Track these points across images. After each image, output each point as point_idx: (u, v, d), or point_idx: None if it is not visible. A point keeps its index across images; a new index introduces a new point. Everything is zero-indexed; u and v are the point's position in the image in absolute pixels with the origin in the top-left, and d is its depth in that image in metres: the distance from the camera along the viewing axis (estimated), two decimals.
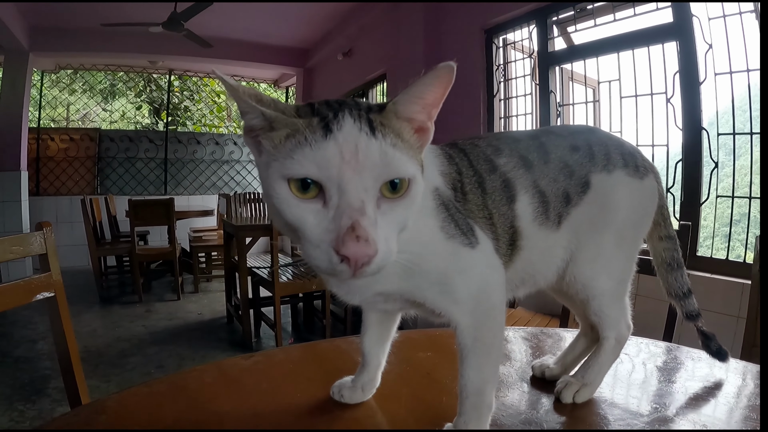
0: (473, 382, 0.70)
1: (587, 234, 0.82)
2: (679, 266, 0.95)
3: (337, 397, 0.83)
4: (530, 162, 0.80)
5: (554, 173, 0.80)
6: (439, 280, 0.68)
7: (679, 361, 1.08)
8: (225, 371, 0.96)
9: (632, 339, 1.17)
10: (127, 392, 0.89)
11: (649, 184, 0.87)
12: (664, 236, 0.94)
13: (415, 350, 1.09)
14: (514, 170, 0.78)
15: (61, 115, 8.63)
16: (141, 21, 5.35)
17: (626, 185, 0.83)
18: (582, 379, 0.86)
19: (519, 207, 0.77)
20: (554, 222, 0.80)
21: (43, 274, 1.19)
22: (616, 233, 0.83)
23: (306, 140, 0.53)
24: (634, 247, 0.88)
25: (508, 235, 0.76)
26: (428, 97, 0.60)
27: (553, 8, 3.38)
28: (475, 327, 0.70)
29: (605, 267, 0.84)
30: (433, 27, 4.38)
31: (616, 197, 0.83)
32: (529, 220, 0.77)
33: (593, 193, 0.82)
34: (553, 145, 0.83)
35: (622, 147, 0.87)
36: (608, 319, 0.86)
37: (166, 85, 8.59)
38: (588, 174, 0.82)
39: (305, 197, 0.53)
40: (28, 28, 6.05)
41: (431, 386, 0.92)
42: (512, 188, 0.77)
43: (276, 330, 3.52)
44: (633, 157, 0.86)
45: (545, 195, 0.79)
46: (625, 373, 1.01)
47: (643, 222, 0.89)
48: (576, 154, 0.83)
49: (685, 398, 0.89)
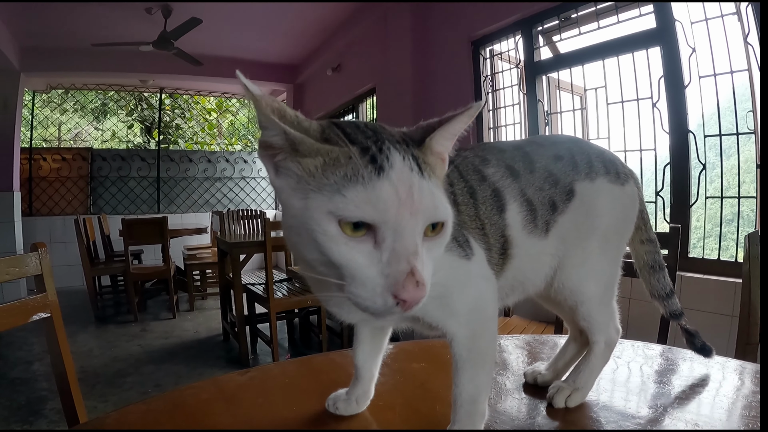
0: (468, 391, 0.71)
1: (573, 240, 0.84)
2: (660, 268, 0.98)
3: (332, 409, 0.84)
4: (517, 171, 0.81)
5: (540, 182, 0.82)
6: (440, 293, 0.65)
7: (672, 362, 1.10)
8: (221, 387, 0.97)
9: (625, 342, 1.19)
10: (125, 410, 0.89)
11: (630, 190, 0.89)
12: (646, 239, 0.97)
13: (409, 361, 1.10)
14: (502, 180, 0.79)
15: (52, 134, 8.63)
16: (131, 40, 5.39)
17: (609, 192, 0.86)
18: (573, 384, 0.87)
19: (509, 216, 0.78)
20: (542, 230, 0.81)
21: (39, 295, 1.19)
22: (601, 238, 0.85)
23: (357, 177, 0.51)
24: (619, 252, 0.90)
25: (500, 244, 0.77)
26: (459, 132, 0.62)
27: (539, 18, 3.42)
28: (470, 338, 0.71)
29: (592, 272, 0.85)
30: (421, 40, 4.43)
31: (600, 204, 0.85)
32: (519, 228, 0.79)
33: (578, 200, 0.84)
34: (538, 155, 0.85)
35: (602, 155, 0.89)
36: (597, 323, 0.87)
37: (157, 103, 8.61)
38: (572, 182, 0.84)
39: (355, 236, 0.51)
40: (20, 48, 6.07)
41: (425, 396, 0.92)
42: (502, 198, 0.78)
43: (272, 346, 3.51)
44: (614, 165, 0.89)
45: (532, 203, 0.80)
46: (616, 375, 1.02)
47: (625, 227, 0.91)
48: (560, 163, 0.85)
49: (679, 399, 0.90)
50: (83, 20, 5.48)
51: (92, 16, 5.38)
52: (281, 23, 5.84)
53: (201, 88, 8.36)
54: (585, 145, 0.90)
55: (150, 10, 5.16)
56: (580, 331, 0.94)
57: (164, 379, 3.48)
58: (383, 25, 4.89)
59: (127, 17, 5.39)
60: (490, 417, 0.76)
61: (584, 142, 0.93)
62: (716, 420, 0.82)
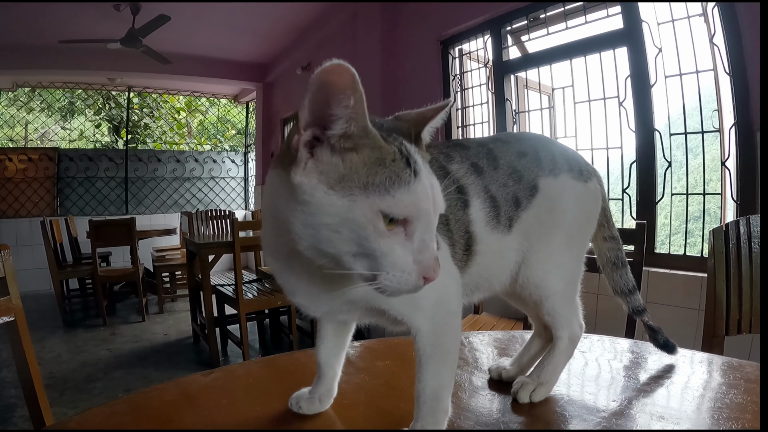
0: (431, 387, 0.70)
1: (537, 236, 0.84)
2: (623, 265, 0.99)
3: (295, 408, 0.83)
4: (481, 168, 0.82)
5: (503, 179, 0.83)
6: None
7: (639, 356, 1.11)
8: (185, 389, 0.95)
9: (591, 336, 1.20)
10: (88, 413, 0.87)
11: (593, 187, 0.90)
12: (608, 237, 0.98)
13: (373, 359, 1.09)
14: (466, 176, 0.80)
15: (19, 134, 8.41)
16: (99, 37, 5.29)
17: (572, 188, 0.87)
18: (538, 379, 0.87)
19: (473, 212, 0.78)
20: (505, 226, 0.82)
21: (2, 298, 1.16)
22: (565, 234, 0.86)
23: (401, 179, 0.56)
24: (582, 248, 0.91)
25: (464, 240, 0.78)
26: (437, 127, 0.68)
27: (507, 18, 3.46)
28: (435, 333, 0.71)
29: (556, 267, 0.86)
30: (390, 39, 4.45)
31: (563, 200, 0.86)
32: (482, 224, 0.79)
33: (541, 196, 0.84)
34: (501, 152, 0.85)
35: (566, 153, 0.90)
36: (561, 318, 0.88)
37: (125, 102, 8.46)
38: (536, 178, 0.85)
39: (391, 228, 0.56)
40: None
41: (389, 394, 0.92)
42: (466, 194, 0.78)
43: (243, 348, 3.48)
44: (577, 162, 0.90)
45: (496, 200, 0.81)
46: (584, 370, 1.03)
47: (589, 223, 0.92)
48: (524, 160, 0.85)
49: (646, 392, 0.91)
50: (50, 17, 5.38)
51: (60, 13, 5.28)
52: (250, 21, 5.80)
53: (170, 86, 8.27)
54: (549, 143, 0.92)
55: (118, 6, 5.08)
56: (545, 326, 0.95)
57: (134, 383, 3.42)
58: (353, 24, 4.90)
59: (95, 14, 5.30)
60: (454, 413, 0.76)
61: (548, 139, 0.95)
62: (684, 413, 0.83)
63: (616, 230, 0.99)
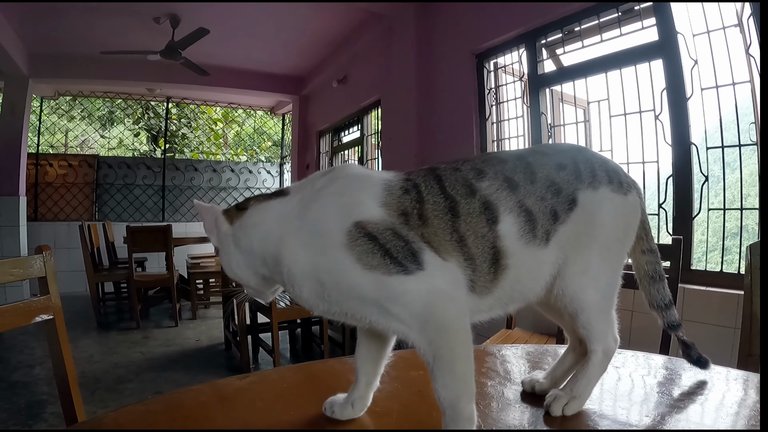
0: (444, 397, 0.73)
1: (574, 249, 0.84)
2: (660, 278, 0.98)
3: (328, 413, 0.85)
4: (516, 183, 0.82)
5: (541, 192, 0.83)
6: (374, 303, 0.74)
7: (672, 372, 1.09)
8: (220, 390, 0.97)
9: (626, 352, 1.19)
10: (124, 410, 0.90)
11: (632, 200, 0.90)
12: (647, 249, 0.97)
13: (407, 369, 1.10)
14: (498, 192, 0.81)
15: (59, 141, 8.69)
16: (139, 49, 5.44)
17: (611, 201, 0.86)
18: (571, 392, 0.87)
19: (502, 228, 0.79)
20: (542, 239, 0.82)
21: (42, 297, 1.20)
22: (603, 248, 0.86)
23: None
24: (619, 261, 0.90)
25: (490, 255, 0.79)
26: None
27: (542, 31, 3.44)
28: (429, 344, 0.73)
29: (592, 280, 0.86)
30: (425, 53, 4.46)
31: (602, 213, 0.85)
32: (515, 239, 0.80)
33: (580, 209, 0.84)
34: (540, 165, 0.85)
35: (606, 165, 0.90)
36: (596, 332, 0.87)
37: (163, 112, 8.67)
38: (575, 191, 0.84)
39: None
40: (29, 55, 6.14)
41: (422, 403, 0.93)
42: (494, 210, 0.79)
43: (274, 356, 3.50)
44: (617, 174, 0.89)
45: (532, 214, 0.81)
46: (618, 385, 1.02)
47: (627, 236, 0.91)
48: (563, 172, 0.85)
49: (680, 408, 0.90)
50: (92, 28, 5.56)
51: (101, 25, 5.45)
52: (287, 35, 5.90)
53: (207, 97, 8.43)
54: (589, 154, 0.91)
55: (158, 19, 5.23)
56: (579, 340, 0.94)
57: (164, 386, 3.48)
58: (388, 38, 4.94)
59: (135, 26, 5.46)
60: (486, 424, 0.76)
61: (588, 150, 0.94)
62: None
63: (655, 243, 0.98)
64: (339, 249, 0.74)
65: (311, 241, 0.76)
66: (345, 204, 0.77)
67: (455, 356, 0.74)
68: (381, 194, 0.78)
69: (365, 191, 0.79)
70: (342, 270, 0.74)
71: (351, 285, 0.74)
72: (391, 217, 0.76)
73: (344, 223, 0.75)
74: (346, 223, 0.75)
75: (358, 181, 0.82)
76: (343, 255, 0.73)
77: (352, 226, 0.74)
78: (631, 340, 2.35)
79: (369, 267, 0.72)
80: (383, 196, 0.78)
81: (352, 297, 0.75)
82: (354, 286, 0.74)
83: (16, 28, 5.48)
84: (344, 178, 0.82)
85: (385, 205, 0.77)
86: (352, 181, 0.82)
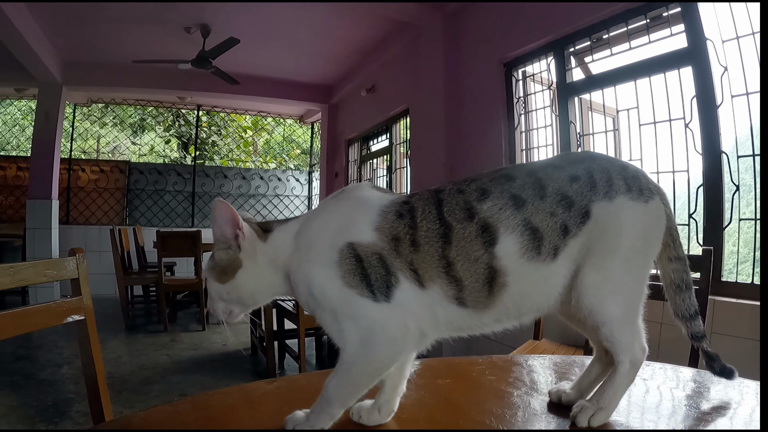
0: (329, 388, 0.82)
1: (590, 262, 0.83)
2: (687, 288, 0.95)
3: (355, 418, 0.86)
4: (523, 200, 0.82)
5: (551, 207, 0.83)
6: (333, 315, 0.82)
7: (701, 385, 1.08)
8: (248, 394, 0.99)
9: (654, 364, 1.17)
10: (152, 410, 0.92)
11: (655, 206, 0.88)
12: (674, 257, 0.94)
13: (434, 377, 1.11)
14: (501, 212, 0.82)
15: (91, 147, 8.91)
16: (171, 58, 5.56)
17: (629, 210, 0.85)
18: (597, 403, 0.86)
19: (500, 248, 0.80)
20: (548, 255, 0.82)
21: (75, 298, 1.24)
22: (623, 259, 0.84)
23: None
24: (643, 271, 0.88)
25: (484, 275, 0.80)
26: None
27: (570, 39, 3.42)
28: (353, 352, 0.81)
29: (612, 293, 0.84)
30: (453, 62, 4.47)
31: (619, 223, 0.84)
32: (515, 258, 0.81)
33: (593, 222, 0.83)
34: (551, 179, 0.85)
35: (625, 171, 0.88)
36: (620, 344, 0.86)
37: (194, 120, 8.82)
38: (588, 204, 0.83)
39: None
40: (62, 63, 6.32)
41: (448, 411, 0.93)
42: (493, 231, 0.81)
43: (300, 362, 3.52)
44: (637, 181, 0.87)
45: (538, 231, 0.81)
46: (643, 397, 1.01)
47: (650, 245, 0.89)
48: (576, 184, 0.84)
49: (705, 421, 0.89)
50: (124, 38, 5.71)
51: (133, 34, 5.59)
52: (317, 44, 5.97)
53: (237, 106, 8.57)
54: (605, 162, 0.89)
55: (189, 29, 5.34)
56: (605, 350, 0.92)
57: (190, 389, 3.53)
58: (416, 47, 4.96)
59: (167, 36, 5.59)
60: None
61: (604, 158, 0.91)
62: None
63: (683, 251, 0.95)
64: (329, 264, 0.81)
65: (307, 254, 0.85)
66: (342, 224, 0.85)
67: (360, 375, 0.82)
68: (376, 219, 0.84)
69: (362, 214, 0.85)
70: (326, 280, 0.81)
71: (327, 295, 0.81)
72: (382, 242, 0.82)
73: (339, 242, 0.82)
74: (340, 241, 0.82)
75: (359, 204, 0.88)
76: (332, 270, 0.81)
77: (345, 245, 0.82)
78: (660, 352, 2.30)
79: (348, 285, 0.80)
80: (378, 221, 0.84)
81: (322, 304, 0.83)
82: (329, 296, 0.81)
83: (51, 38, 5.65)
84: (348, 200, 0.90)
85: (378, 229, 0.83)
86: (354, 203, 0.88)
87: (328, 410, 0.82)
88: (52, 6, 4.84)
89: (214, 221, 0.87)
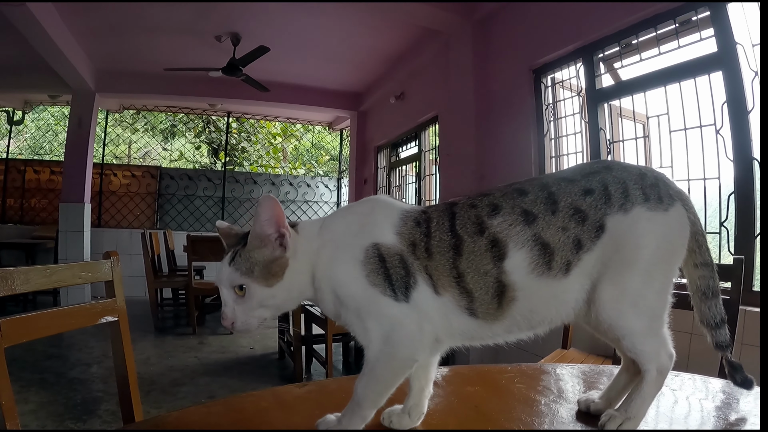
0: (359, 391, 0.83)
1: (607, 276, 0.83)
2: (714, 295, 0.93)
3: (386, 423, 0.88)
4: (534, 215, 0.83)
5: (563, 222, 0.83)
6: (358, 314, 0.84)
7: (730, 396, 1.07)
8: (280, 397, 1.02)
9: (683, 375, 1.17)
10: (186, 411, 0.95)
11: (676, 214, 0.86)
12: (699, 263, 0.92)
13: (464, 385, 1.12)
14: (510, 228, 0.83)
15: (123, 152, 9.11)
16: (201, 66, 5.66)
17: (647, 221, 0.84)
18: (626, 413, 0.86)
19: (509, 263, 0.82)
20: (560, 270, 0.82)
21: (109, 300, 1.28)
22: (642, 271, 0.84)
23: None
24: (665, 280, 0.87)
25: (493, 289, 0.82)
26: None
27: (599, 45, 3.39)
28: (377, 352, 0.82)
29: (633, 307, 0.84)
30: (482, 69, 4.46)
31: (636, 235, 0.83)
32: (524, 273, 0.82)
33: (608, 236, 0.83)
34: (564, 193, 0.85)
35: (642, 180, 0.87)
36: (645, 354, 0.85)
37: (224, 126, 8.96)
38: (603, 217, 0.83)
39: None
40: (95, 71, 6.49)
41: (478, 418, 0.94)
42: (503, 247, 0.82)
43: (327, 367, 3.53)
44: (655, 189, 0.86)
45: (549, 246, 0.82)
46: (671, 408, 1.01)
47: (672, 253, 0.88)
48: (589, 198, 0.84)
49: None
50: (156, 46, 5.83)
51: (165, 43, 5.72)
52: (346, 52, 6.02)
53: (267, 113, 8.67)
54: (620, 172, 0.88)
55: (220, 38, 5.44)
56: (633, 360, 0.92)
57: (218, 391, 3.57)
58: (445, 54, 4.97)
59: (198, 44, 5.70)
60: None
61: (622, 167, 0.90)
62: None
63: (710, 256, 0.93)
64: (355, 262, 0.84)
65: (335, 251, 0.87)
66: (368, 225, 0.88)
67: (385, 372, 0.83)
68: (397, 222, 0.87)
69: (385, 217, 0.88)
70: (352, 279, 0.84)
71: (352, 294, 0.84)
72: (402, 245, 0.85)
73: (365, 242, 0.85)
74: (366, 241, 0.85)
75: (382, 208, 0.90)
76: (357, 269, 0.83)
77: (370, 245, 0.84)
78: (690, 363, 2.27)
79: (372, 284, 0.82)
80: (399, 225, 0.87)
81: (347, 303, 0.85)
82: (353, 295, 0.83)
83: (84, 46, 5.81)
84: (372, 203, 0.93)
85: (398, 233, 0.86)
86: (377, 206, 0.91)
87: (359, 412, 0.83)
88: (85, 16, 4.98)
89: (258, 217, 0.84)
